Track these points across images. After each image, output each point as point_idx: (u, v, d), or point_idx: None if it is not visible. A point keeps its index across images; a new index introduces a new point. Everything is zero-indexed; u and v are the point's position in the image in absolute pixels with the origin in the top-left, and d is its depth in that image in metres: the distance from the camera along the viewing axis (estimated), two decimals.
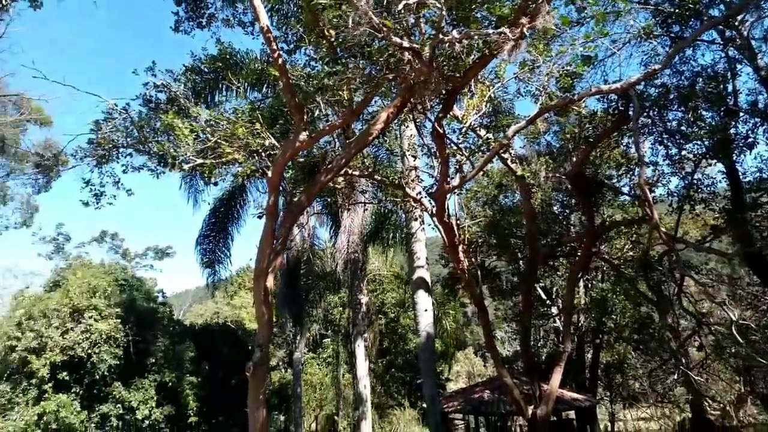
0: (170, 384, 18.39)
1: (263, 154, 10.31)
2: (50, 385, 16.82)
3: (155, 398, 17.91)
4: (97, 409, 17.25)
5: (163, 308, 21.47)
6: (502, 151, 11.25)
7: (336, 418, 29.19)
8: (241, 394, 20.05)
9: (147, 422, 17.62)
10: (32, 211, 36.60)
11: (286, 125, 12.74)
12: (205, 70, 14.65)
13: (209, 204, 20.25)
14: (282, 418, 27.74)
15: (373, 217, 19.99)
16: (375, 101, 10.79)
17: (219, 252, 21.03)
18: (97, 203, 11.36)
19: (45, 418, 16.35)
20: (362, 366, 19.66)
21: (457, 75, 9.18)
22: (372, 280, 28.95)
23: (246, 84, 15.82)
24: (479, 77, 11.34)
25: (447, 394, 22.73)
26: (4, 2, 17.48)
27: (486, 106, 11.63)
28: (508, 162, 12.19)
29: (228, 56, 14.57)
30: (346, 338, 31.69)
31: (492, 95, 11.95)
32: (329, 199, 19.08)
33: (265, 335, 9.48)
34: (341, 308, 30.74)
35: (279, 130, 11.94)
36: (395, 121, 11.86)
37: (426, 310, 16.95)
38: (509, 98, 13.47)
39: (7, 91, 29.14)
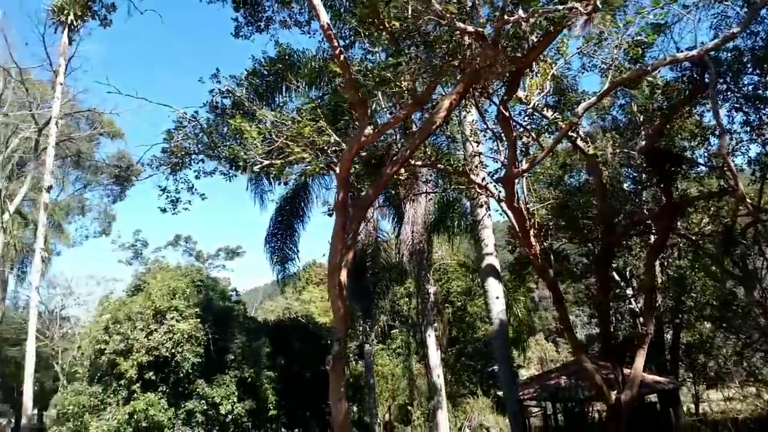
0: (249, 379, 18.96)
1: (328, 151, 10.44)
2: (138, 384, 17.62)
3: (236, 393, 18.51)
4: (183, 405, 17.97)
5: (238, 306, 22.18)
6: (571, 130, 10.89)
7: (409, 408, 29.38)
8: (316, 386, 20.61)
9: (230, 417, 18.24)
10: (110, 220, 38.81)
11: (348, 121, 12.86)
12: (265, 72, 14.97)
13: (275, 203, 20.83)
14: (355, 408, 28.18)
15: (437, 206, 19.89)
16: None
17: (287, 249, 21.62)
18: (174, 209, 11.82)
19: (135, 417, 17.14)
20: (434, 355, 19.68)
21: (520, 55, 8.96)
22: (437, 269, 28.86)
23: (305, 83, 16.05)
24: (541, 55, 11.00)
25: (521, 381, 22.41)
26: (75, 23, 18.49)
27: (549, 84, 11.31)
28: (578, 141, 11.81)
29: (287, 57, 14.83)
30: (413, 328, 31.80)
31: (555, 73, 11.59)
32: (392, 191, 19.16)
33: (343, 329, 9.64)
34: (407, 299, 30.84)
35: (343, 126, 12.06)
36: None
37: (497, 298, 16.76)
38: (572, 75, 13.07)
39: (80, 108, 30.75)
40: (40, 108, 26.06)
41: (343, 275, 9.64)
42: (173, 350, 17.69)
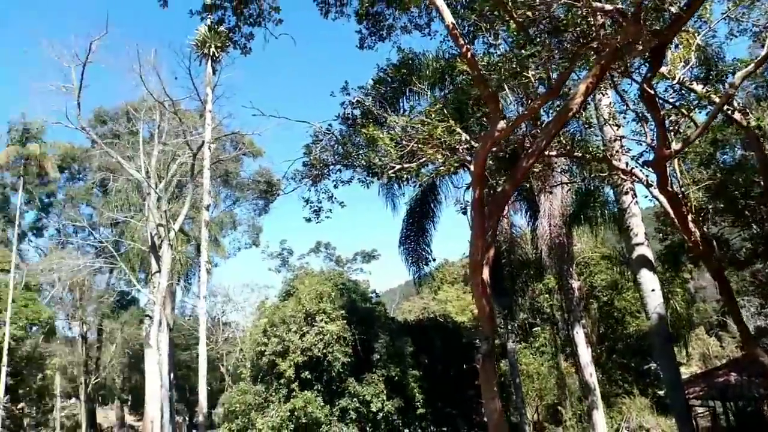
0: (396, 378, 19.38)
1: (460, 149, 10.45)
2: (296, 384, 18.77)
3: (384, 392, 19.03)
4: (337, 403, 18.83)
5: (379, 307, 22.83)
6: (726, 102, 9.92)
7: (559, 408, 28.29)
8: (460, 385, 20.60)
9: (381, 414, 18.78)
10: (257, 232, 42.09)
11: (476, 118, 12.76)
12: (390, 79, 15.34)
13: (406, 205, 21.24)
14: None
15: (575, 196, 19.00)
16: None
17: (420, 250, 21.94)
18: (317, 218, 12.52)
19: (296, 414, 18.30)
20: (585, 353, 18.79)
21: (660, 28, 8.35)
22: (578, 263, 27.58)
23: (428, 85, 16.19)
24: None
25: (685, 380, 20.70)
26: (216, 55, 20.26)
27: (693, 56, 10.39)
28: (735, 114, 10.69)
29: (409, 61, 15.07)
30: (555, 325, 30.64)
31: (699, 43, 10.63)
32: (525, 184, 18.66)
33: (489, 327, 9.56)
34: (547, 295, 29.79)
35: (472, 123, 12.00)
36: None
37: (653, 290, 15.61)
38: (718, 43, 11.87)
39: (224, 131, 33.58)
40: (192, 135, 28.73)
41: (486, 273, 9.57)
42: (324, 351, 18.64)
